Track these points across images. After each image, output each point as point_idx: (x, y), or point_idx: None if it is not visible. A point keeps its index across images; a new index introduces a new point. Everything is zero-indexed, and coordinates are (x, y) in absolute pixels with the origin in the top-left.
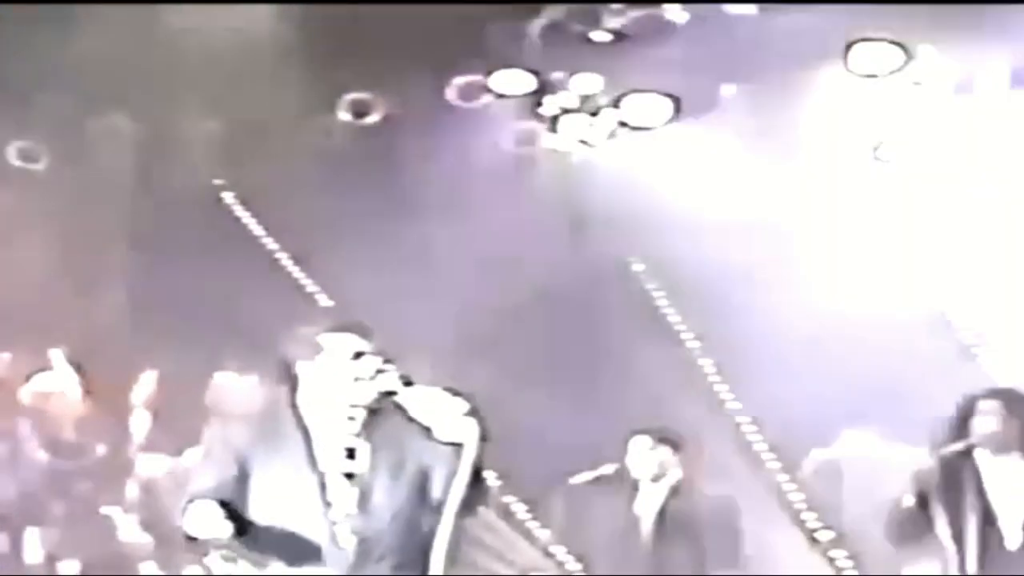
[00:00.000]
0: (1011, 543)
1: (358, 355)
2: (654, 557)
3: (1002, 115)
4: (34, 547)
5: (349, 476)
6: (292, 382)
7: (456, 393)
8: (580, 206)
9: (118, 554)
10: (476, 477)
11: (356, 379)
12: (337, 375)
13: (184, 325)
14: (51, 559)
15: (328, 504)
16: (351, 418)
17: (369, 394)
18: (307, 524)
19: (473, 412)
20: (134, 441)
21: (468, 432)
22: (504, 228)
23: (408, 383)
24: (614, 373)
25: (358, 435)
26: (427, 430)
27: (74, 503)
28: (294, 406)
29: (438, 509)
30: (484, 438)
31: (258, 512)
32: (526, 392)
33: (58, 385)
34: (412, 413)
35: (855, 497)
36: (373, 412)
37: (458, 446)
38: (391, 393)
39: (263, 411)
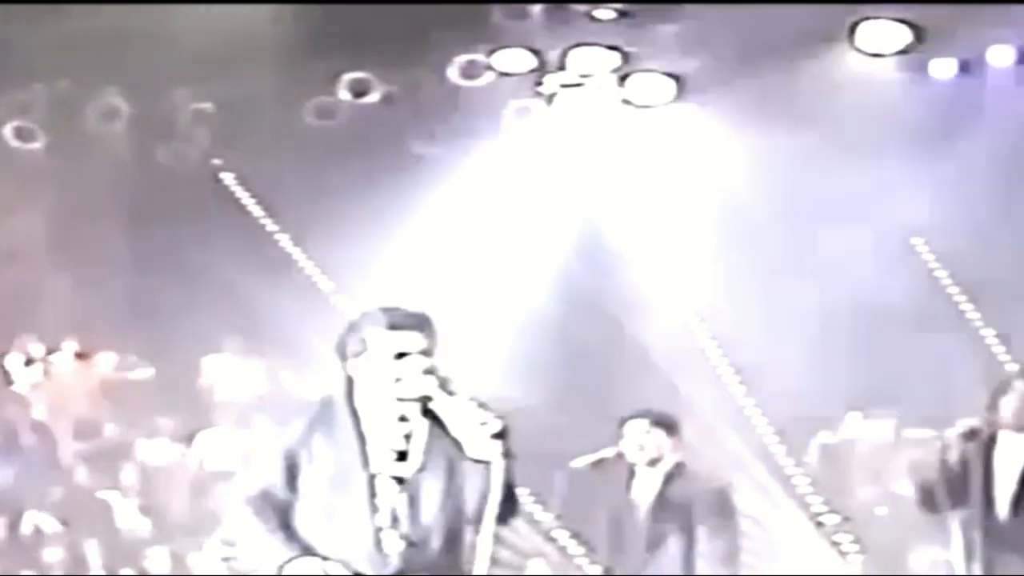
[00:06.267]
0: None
1: (401, 355)
2: (650, 541)
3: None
4: (32, 530)
5: (399, 480)
6: (348, 378)
7: (490, 410)
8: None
9: (118, 538)
10: (509, 492)
11: (398, 379)
12: (382, 374)
13: (182, 306)
14: (48, 543)
15: (375, 508)
16: (403, 419)
17: (411, 396)
18: (353, 526)
19: (502, 433)
20: (132, 425)
21: (494, 452)
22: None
23: (449, 392)
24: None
25: (408, 436)
26: (458, 443)
27: (73, 488)
28: (351, 401)
29: (472, 522)
30: (508, 455)
31: (305, 508)
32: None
33: (54, 367)
34: (447, 424)
35: (861, 481)
36: (427, 415)
37: (487, 463)
38: (429, 399)
39: (319, 403)
